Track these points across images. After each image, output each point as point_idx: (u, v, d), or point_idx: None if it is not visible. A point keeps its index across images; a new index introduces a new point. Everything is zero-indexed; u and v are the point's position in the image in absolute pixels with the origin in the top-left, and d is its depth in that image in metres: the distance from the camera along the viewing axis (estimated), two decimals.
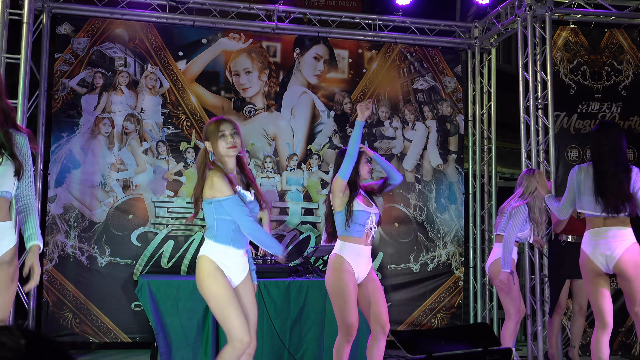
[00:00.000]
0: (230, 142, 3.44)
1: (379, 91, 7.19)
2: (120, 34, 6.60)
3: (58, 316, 6.17)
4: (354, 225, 4.26)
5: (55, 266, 6.20)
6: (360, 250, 4.28)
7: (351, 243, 4.27)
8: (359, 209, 4.26)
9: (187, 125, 6.66)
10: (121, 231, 6.39)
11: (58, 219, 6.26)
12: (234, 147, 3.45)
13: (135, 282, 6.15)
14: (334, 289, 4.23)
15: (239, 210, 3.37)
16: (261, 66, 6.94)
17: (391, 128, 7.18)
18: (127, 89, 6.56)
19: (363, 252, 4.30)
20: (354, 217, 4.25)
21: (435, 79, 7.33)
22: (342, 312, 4.19)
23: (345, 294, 4.18)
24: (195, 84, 6.76)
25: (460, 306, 7.12)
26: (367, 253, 4.34)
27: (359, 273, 4.29)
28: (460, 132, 7.37)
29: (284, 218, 6.83)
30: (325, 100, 7.06)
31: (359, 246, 4.28)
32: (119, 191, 6.43)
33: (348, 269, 4.22)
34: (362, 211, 4.27)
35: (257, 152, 6.82)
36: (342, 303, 4.19)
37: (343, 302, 4.19)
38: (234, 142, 3.44)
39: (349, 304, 4.18)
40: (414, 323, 6.93)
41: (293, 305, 5.28)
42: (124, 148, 6.49)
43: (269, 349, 5.25)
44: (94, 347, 6.34)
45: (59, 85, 6.40)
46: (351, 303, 4.19)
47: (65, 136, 6.35)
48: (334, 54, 7.16)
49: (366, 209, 4.30)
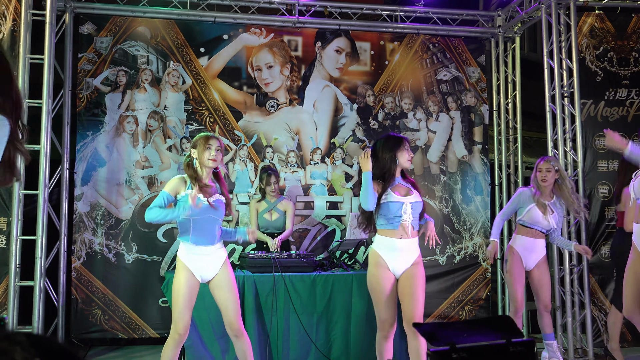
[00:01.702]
0: (213, 156, 4.01)
1: (401, 83, 7.14)
2: (142, 32, 6.63)
3: (87, 313, 6.23)
4: (387, 218, 4.12)
5: (83, 263, 6.26)
6: (395, 244, 4.11)
7: (384, 236, 4.14)
8: (390, 200, 4.11)
9: (210, 122, 6.68)
10: (147, 228, 6.43)
11: (85, 216, 6.31)
12: (214, 160, 4.03)
13: (162, 278, 6.19)
14: (369, 283, 4.19)
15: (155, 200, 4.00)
16: (283, 60, 6.93)
17: (415, 119, 7.13)
18: (150, 87, 6.59)
19: (399, 245, 4.11)
20: (384, 209, 4.12)
21: (458, 69, 7.26)
22: (376, 307, 4.16)
23: (377, 289, 4.12)
24: (217, 79, 6.77)
25: (488, 298, 7.06)
26: (406, 246, 4.13)
27: (395, 268, 4.13)
28: (485, 122, 7.29)
29: (309, 212, 6.82)
30: (347, 93, 7.03)
31: (393, 240, 4.11)
32: (144, 188, 6.47)
33: (381, 264, 4.12)
34: (394, 202, 4.09)
35: (280, 146, 6.82)
36: (375, 298, 4.15)
37: (375, 297, 4.14)
38: (216, 157, 4.03)
39: (381, 299, 4.11)
40: (442, 316, 6.89)
41: (319, 299, 5.26)
42: (148, 145, 6.52)
43: (297, 344, 5.25)
44: (123, 343, 6.40)
45: (83, 84, 6.45)
46: (384, 298, 4.10)
47: (91, 135, 6.41)
48: (356, 46, 7.12)
49: (400, 199, 4.11)
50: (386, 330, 4.15)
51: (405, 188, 4.20)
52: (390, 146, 4.20)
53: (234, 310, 4.08)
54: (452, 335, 1.86)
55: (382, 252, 4.12)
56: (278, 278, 5.18)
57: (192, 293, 4.02)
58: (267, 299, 5.19)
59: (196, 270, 4.01)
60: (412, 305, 4.09)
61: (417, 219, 4.19)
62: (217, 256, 4.08)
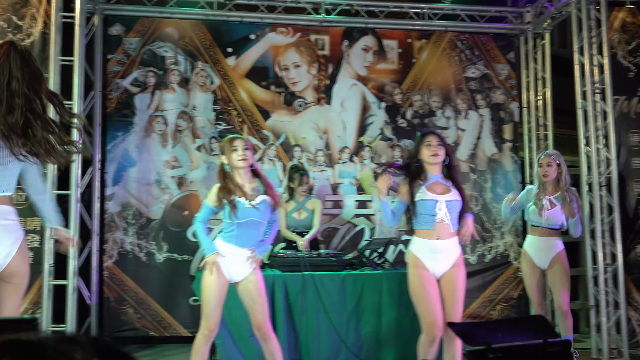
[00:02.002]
0: (241, 156, 3.90)
1: (429, 81, 7.09)
2: (170, 33, 6.68)
3: (119, 311, 6.29)
4: (422, 216, 4.01)
5: (115, 263, 6.33)
6: (432, 246, 3.99)
7: (421, 238, 4.03)
8: (424, 198, 3.99)
9: (238, 121, 6.70)
10: (177, 227, 6.47)
11: (116, 216, 6.38)
12: (244, 159, 3.91)
13: (192, 277, 6.23)
14: (411, 285, 4.05)
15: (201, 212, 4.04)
16: (310, 59, 6.93)
17: (443, 118, 7.08)
18: (178, 87, 6.63)
19: (436, 247, 3.98)
20: (418, 207, 4.00)
21: (487, 66, 7.19)
22: (419, 310, 4.01)
23: (418, 290, 3.99)
24: (245, 79, 6.79)
25: (519, 297, 6.98)
26: (443, 247, 3.99)
27: (434, 269, 4.01)
28: (515, 119, 7.21)
29: (338, 211, 6.81)
30: (375, 92, 7.00)
31: (430, 241, 3.99)
32: (174, 188, 6.52)
33: (419, 265, 4.00)
34: (427, 200, 3.98)
35: (308, 145, 6.82)
36: (417, 300, 4.01)
37: (417, 298, 4.01)
38: (245, 156, 3.91)
39: (424, 300, 3.96)
40: (473, 315, 6.82)
41: (349, 298, 5.25)
42: (178, 145, 6.57)
43: (327, 343, 5.24)
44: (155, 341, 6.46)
45: (113, 85, 6.51)
46: (427, 299, 3.94)
47: (121, 135, 6.47)
48: (383, 44, 7.09)
49: (434, 197, 3.98)
50: (432, 334, 3.95)
51: (443, 186, 4.07)
52: (416, 143, 4.17)
53: (261, 313, 4.04)
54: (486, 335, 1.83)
55: (420, 255, 4.00)
56: (307, 277, 5.18)
57: (221, 290, 4.02)
58: (296, 298, 5.19)
59: (226, 269, 4.00)
60: (452, 309, 3.98)
61: (455, 218, 4.05)
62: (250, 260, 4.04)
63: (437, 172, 4.11)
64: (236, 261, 3.99)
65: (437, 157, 4.07)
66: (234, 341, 5.05)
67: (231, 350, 5.04)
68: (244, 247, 3.99)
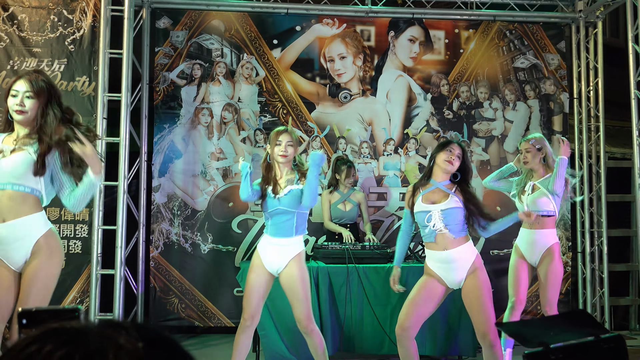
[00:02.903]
0: (282, 151, 4.03)
1: (477, 71, 6.97)
2: (216, 25, 6.71)
3: (165, 301, 6.38)
4: (421, 229, 3.98)
5: (161, 253, 6.41)
6: (440, 256, 3.88)
7: (430, 250, 3.95)
8: (416, 210, 3.95)
9: (283, 113, 6.70)
10: (222, 219, 6.52)
11: (162, 207, 6.46)
12: (284, 155, 4.03)
13: (237, 268, 6.27)
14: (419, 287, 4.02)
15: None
16: (355, 51, 6.88)
17: (491, 109, 6.95)
18: (224, 79, 6.67)
19: (445, 257, 3.86)
20: (416, 219, 3.99)
21: (537, 56, 7.03)
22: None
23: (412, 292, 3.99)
24: (290, 71, 6.78)
25: (568, 292, 6.83)
26: (454, 256, 3.85)
27: (450, 280, 3.90)
28: (565, 111, 7.04)
29: (383, 203, 6.76)
30: (421, 83, 6.91)
31: (437, 252, 3.89)
32: (219, 180, 6.56)
33: (430, 274, 3.94)
34: (419, 212, 3.93)
35: (353, 137, 6.78)
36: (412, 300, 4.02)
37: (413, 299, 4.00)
38: (285, 152, 4.03)
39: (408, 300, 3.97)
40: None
41: (393, 291, 5.20)
42: (223, 137, 6.60)
43: (370, 335, 5.22)
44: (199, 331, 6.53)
45: (160, 78, 6.58)
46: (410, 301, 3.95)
47: (167, 127, 6.54)
48: (430, 35, 6.99)
49: (425, 207, 3.90)
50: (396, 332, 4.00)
51: (441, 193, 3.93)
52: (437, 147, 4.07)
53: (302, 307, 4.02)
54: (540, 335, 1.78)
55: (433, 267, 3.93)
56: (352, 269, 5.16)
57: (260, 282, 4.07)
58: (340, 290, 5.18)
59: (267, 261, 4.06)
60: (482, 317, 3.84)
61: (458, 225, 3.86)
62: (290, 249, 4.04)
63: (442, 180, 3.96)
64: (276, 251, 4.04)
65: (449, 166, 3.92)
66: (278, 332, 5.07)
67: (274, 341, 5.05)
68: (276, 236, 4.05)
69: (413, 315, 3.93)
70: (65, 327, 0.79)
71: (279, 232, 4.05)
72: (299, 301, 4.02)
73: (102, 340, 0.76)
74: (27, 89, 3.11)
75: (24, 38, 5.81)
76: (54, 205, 5.45)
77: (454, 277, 3.89)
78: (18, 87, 3.12)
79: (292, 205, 4.01)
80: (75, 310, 1.09)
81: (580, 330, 1.87)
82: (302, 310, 4.02)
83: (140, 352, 0.76)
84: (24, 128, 3.14)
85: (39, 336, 0.77)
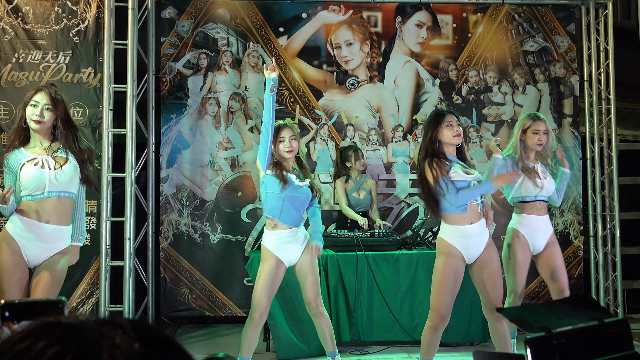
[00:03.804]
0: (288, 147, 4.03)
1: (485, 55, 6.89)
2: (222, 14, 6.66)
3: (175, 292, 6.38)
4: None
5: (170, 244, 6.40)
6: (467, 231, 3.82)
7: (454, 225, 3.83)
8: (457, 178, 3.78)
9: (290, 101, 6.66)
10: (231, 208, 6.50)
11: (171, 198, 6.45)
12: (290, 151, 4.04)
13: (246, 257, 6.25)
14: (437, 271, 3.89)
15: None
16: (362, 37, 6.82)
17: (500, 93, 6.88)
18: (230, 68, 6.63)
19: (469, 232, 3.82)
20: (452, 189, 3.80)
21: (546, 39, 6.94)
22: (432, 294, 3.91)
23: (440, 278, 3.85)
24: (297, 59, 6.73)
25: (580, 277, 6.78)
26: (477, 230, 3.83)
27: (469, 255, 3.86)
28: (576, 93, 6.96)
29: (391, 190, 6.72)
30: (429, 68, 6.85)
31: (464, 227, 3.81)
32: (227, 169, 6.54)
33: (451, 253, 3.83)
34: (461, 181, 3.79)
35: (361, 124, 6.73)
36: (434, 285, 3.89)
37: (435, 284, 3.89)
38: (291, 147, 4.03)
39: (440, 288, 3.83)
40: (531, 295, 6.66)
41: (403, 278, 5.18)
42: (230, 127, 6.57)
43: (381, 322, 5.20)
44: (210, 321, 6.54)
45: (166, 68, 6.55)
46: (444, 289, 3.81)
47: (174, 118, 6.51)
48: (437, 19, 6.91)
49: (466, 177, 3.81)
50: (435, 321, 3.88)
51: (464, 167, 3.91)
52: (432, 124, 3.95)
53: (312, 289, 4.12)
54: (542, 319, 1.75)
55: (453, 241, 3.82)
56: (361, 257, 5.13)
57: (275, 282, 4.10)
58: (350, 278, 5.16)
59: (283, 256, 4.08)
60: (495, 291, 3.86)
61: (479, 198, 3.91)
62: (302, 239, 4.12)
63: (455, 154, 3.94)
64: (290, 245, 4.07)
65: (459, 138, 3.90)
66: (287, 322, 5.06)
67: (284, 331, 5.04)
68: (290, 225, 4.06)
69: (451, 303, 3.87)
70: (61, 322, 0.76)
71: (295, 220, 4.07)
72: (311, 283, 4.11)
73: (98, 339, 0.74)
74: (47, 101, 3.48)
75: (29, 30, 5.79)
76: None
77: (474, 251, 3.86)
78: (38, 98, 3.48)
79: (309, 197, 4.13)
80: (59, 302, 1.06)
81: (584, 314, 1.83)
82: (312, 292, 4.12)
83: (137, 353, 0.74)
84: (42, 137, 3.53)
85: (32, 330, 0.75)
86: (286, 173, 4.03)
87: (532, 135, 4.36)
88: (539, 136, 4.36)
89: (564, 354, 1.45)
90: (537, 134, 4.36)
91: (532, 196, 4.36)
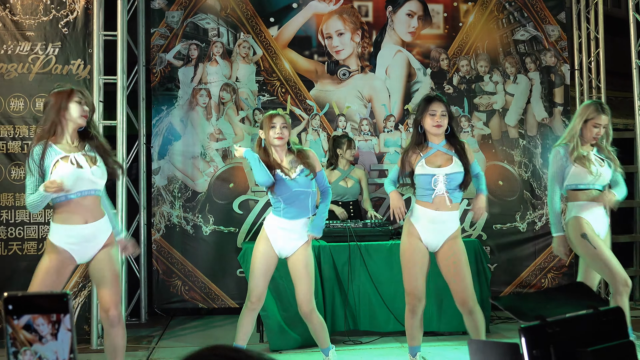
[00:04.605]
0: (278, 134, 4.01)
1: (477, 45, 6.89)
2: (212, 4, 6.62)
3: (168, 284, 6.37)
4: (419, 189, 3.95)
5: (162, 236, 6.39)
6: (429, 215, 3.89)
7: (419, 206, 3.94)
8: (420, 172, 3.90)
9: (282, 92, 6.64)
10: (223, 200, 6.49)
11: (163, 190, 6.42)
12: (280, 138, 4.02)
13: (238, 249, 6.25)
14: (400, 252, 4.02)
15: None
16: (353, 27, 6.79)
17: (491, 82, 6.89)
18: (221, 59, 6.60)
19: (434, 217, 3.89)
20: (416, 181, 3.95)
21: (537, 28, 6.94)
22: (403, 278, 4.00)
23: (405, 260, 3.96)
24: (288, 49, 6.71)
25: (572, 265, 6.79)
26: (442, 218, 3.89)
27: (429, 241, 3.93)
28: (566, 82, 6.97)
29: (384, 180, 6.71)
30: (420, 58, 6.84)
31: (428, 211, 3.89)
32: (219, 161, 6.52)
33: (413, 233, 3.93)
34: (423, 175, 3.88)
35: (353, 115, 6.72)
36: (403, 268, 3.99)
37: (403, 267, 3.99)
38: (282, 134, 4.02)
39: (408, 270, 3.93)
40: (523, 284, 6.70)
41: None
42: (222, 118, 6.55)
43: (375, 312, 5.21)
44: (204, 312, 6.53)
45: (156, 59, 6.51)
46: (411, 270, 3.91)
47: (165, 109, 6.48)
48: (428, 9, 6.90)
49: (431, 171, 3.88)
50: (411, 304, 3.94)
51: (444, 157, 3.93)
52: (419, 110, 4.02)
53: (304, 292, 4.05)
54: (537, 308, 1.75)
55: (417, 224, 3.92)
56: (354, 247, 5.14)
57: (269, 265, 4.08)
58: (343, 269, 5.16)
59: (275, 242, 4.06)
60: (462, 284, 3.88)
61: (455, 190, 3.91)
62: (301, 235, 4.07)
63: (439, 141, 3.97)
64: (288, 236, 4.04)
65: (439, 129, 3.93)
66: (279, 312, 5.06)
67: (277, 323, 5.04)
68: (294, 219, 4.04)
69: (421, 282, 3.94)
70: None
71: (298, 214, 4.04)
72: (304, 285, 4.05)
73: None
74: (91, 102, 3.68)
75: (17, 22, 5.73)
76: None
77: (435, 240, 3.92)
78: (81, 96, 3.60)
79: (307, 185, 4.06)
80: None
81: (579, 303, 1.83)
82: (305, 293, 4.05)
83: None
84: (72, 135, 3.57)
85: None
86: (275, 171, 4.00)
87: (592, 128, 4.17)
88: (598, 130, 4.17)
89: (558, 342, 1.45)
90: (597, 127, 4.16)
91: (585, 184, 4.21)
